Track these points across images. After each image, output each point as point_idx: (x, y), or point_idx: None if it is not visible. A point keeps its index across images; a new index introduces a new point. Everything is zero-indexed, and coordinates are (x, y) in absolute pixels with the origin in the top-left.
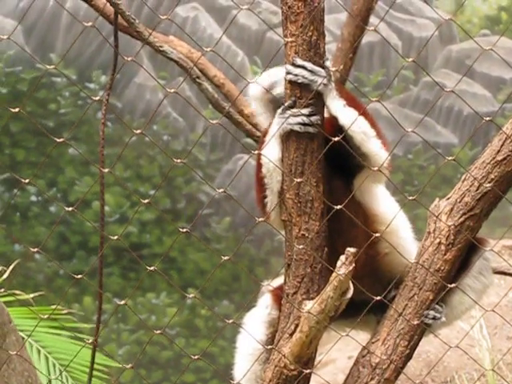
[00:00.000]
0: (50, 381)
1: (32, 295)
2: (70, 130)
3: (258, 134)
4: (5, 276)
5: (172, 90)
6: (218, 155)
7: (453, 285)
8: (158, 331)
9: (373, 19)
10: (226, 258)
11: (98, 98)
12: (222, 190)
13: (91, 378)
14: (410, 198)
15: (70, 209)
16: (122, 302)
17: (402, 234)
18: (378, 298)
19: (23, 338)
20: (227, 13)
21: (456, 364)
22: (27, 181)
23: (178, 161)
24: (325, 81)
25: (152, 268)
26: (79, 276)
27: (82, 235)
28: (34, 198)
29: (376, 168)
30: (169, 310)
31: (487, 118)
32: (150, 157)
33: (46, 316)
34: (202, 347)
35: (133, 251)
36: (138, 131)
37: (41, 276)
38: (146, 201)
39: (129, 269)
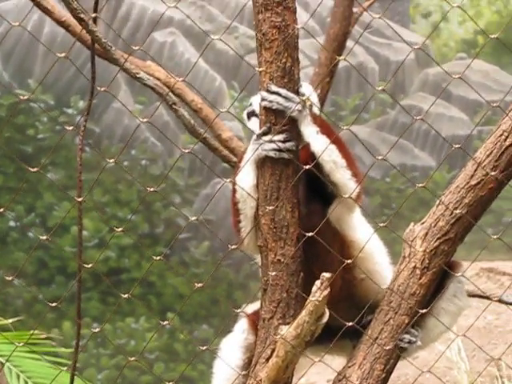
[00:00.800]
0: None
1: (11, 320)
2: (48, 156)
3: (235, 159)
4: None
5: (145, 120)
6: (196, 180)
7: (425, 310)
8: (133, 358)
9: (350, 43)
10: (199, 284)
11: (71, 128)
12: (194, 218)
13: None
14: (381, 224)
15: (45, 237)
16: (97, 330)
17: (377, 259)
18: (350, 323)
19: (2, 363)
20: (205, 38)
21: None
22: (1, 210)
23: (151, 189)
24: (299, 107)
25: (126, 295)
26: (54, 304)
27: (61, 260)
28: (12, 224)
29: (346, 196)
30: (148, 334)
31: (456, 146)
32: (128, 181)
33: (23, 342)
34: (182, 371)
35: (112, 276)
36: (112, 160)
37: (20, 301)
38: (120, 229)
39: (108, 293)
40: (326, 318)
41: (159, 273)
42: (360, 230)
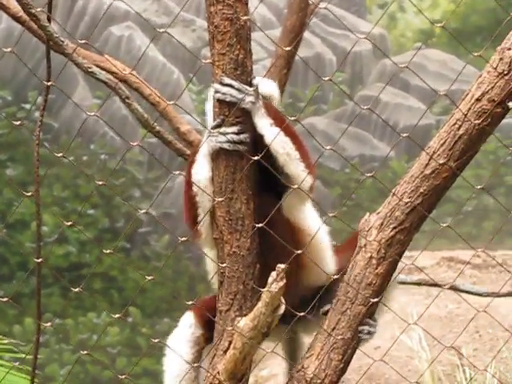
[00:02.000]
0: None
1: None
2: (6, 152)
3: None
4: None
5: (93, 113)
6: (155, 173)
7: (377, 299)
8: (85, 352)
9: (307, 35)
10: (149, 277)
11: (17, 124)
12: (144, 210)
13: None
14: (331, 214)
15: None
16: (48, 324)
17: (323, 246)
18: (302, 314)
19: None
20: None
21: (397, 377)
22: None
23: (100, 183)
24: (252, 99)
25: (77, 289)
26: (5, 299)
27: (21, 256)
28: None
29: (296, 186)
30: (110, 328)
31: (404, 135)
32: (87, 176)
33: None
34: (144, 366)
35: (72, 271)
36: (60, 154)
37: None
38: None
39: (69, 289)
40: (282, 310)
41: (120, 267)
42: (310, 219)
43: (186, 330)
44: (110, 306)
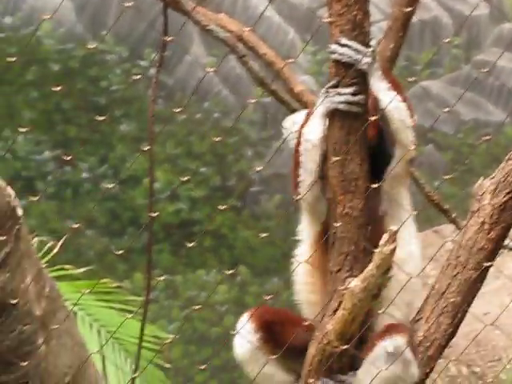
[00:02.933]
0: (103, 355)
1: (82, 269)
2: (121, 108)
3: None
4: (55, 251)
5: (212, 69)
6: (268, 133)
7: (490, 263)
8: (199, 306)
9: None
10: (263, 235)
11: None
12: (260, 167)
13: (140, 348)
14: (446, 177)
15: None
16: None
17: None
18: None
19: (75, 313)
20: None
21: (505, 343)
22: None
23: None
24: (369, 60)
25: (190, 245)
26: (120, 252)
27: (133, 211)
28: (85, 175)
29: (406, 150)
30: (219, 286)
31: None
32: (200, 134)
33: (94, 290)
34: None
35: (183, 228)
36: (178, 110)
37: (91, 252)
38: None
39: (179, 245)
40: (393, 272)
41: (231, 225)
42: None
43: (244, 336)
44: (219, 264)
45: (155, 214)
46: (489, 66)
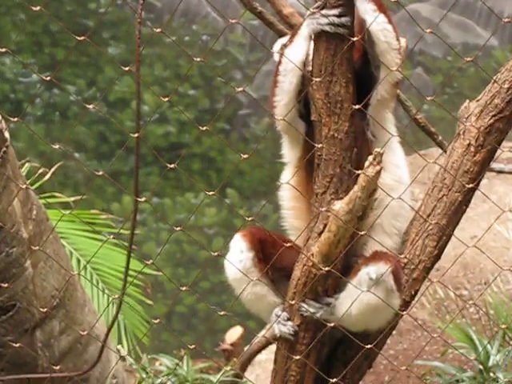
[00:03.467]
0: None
1: (73, 198)
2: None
3: None
4: (46, 178)
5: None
6: (257, 55)
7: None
8: (178, 228)
9: None
10: (244, 156)
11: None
12: (241, 88)
13: (125, 284)
14: (429, 98)
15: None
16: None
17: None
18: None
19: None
20: None
21: (492, 266)
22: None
23: (198, 59)
24: None
25: (172, 166)
26: (100, 173)
27: (122, 135)
28: (73, 98)
29: (391, 69)
30: (207, 209)
31: (506, 20)
32: (189, 56)
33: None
34: None
35: (172, 151)
36: (158, 30)
37: (80, 175)
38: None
39: (167, 168)
40: (377, 194)
41: (219, 148)
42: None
43: (238, 254)
44: (208, 187)
45: (136, 135)
46: None
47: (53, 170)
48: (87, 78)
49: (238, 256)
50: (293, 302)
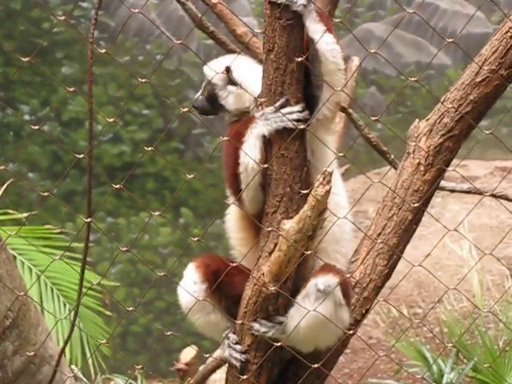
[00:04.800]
0: (41, 300)
1: (25, 214)
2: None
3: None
4: None
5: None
6: None
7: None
8: (124, 249)
9: None
10: (190, 176)
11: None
12: (186, 109)
13: (80, 295)
14: (373, 118)
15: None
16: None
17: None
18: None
19: (14, 257)
20: None
21: (446, 284)
22: None
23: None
24: (304, 1)
25: (117, 186)
26: (45, 194)
27: (76, 154)
28: (27, 117)
29: (335, 91)
30: (162, 229)
31: (449, 40)
32: (143, 76)
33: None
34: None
35: (126, 170)
36: (103, 51)
37: (34, 195)
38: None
39: (123, 188)
40: (327, 214)
41: (173, 168)
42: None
43: (191, 285)
44: (162, 207)
45: (80, 156)
46: (431, 7)
47: (4, 186)
48: (41, 97)
49: (192, 287)
50: (244, 322)
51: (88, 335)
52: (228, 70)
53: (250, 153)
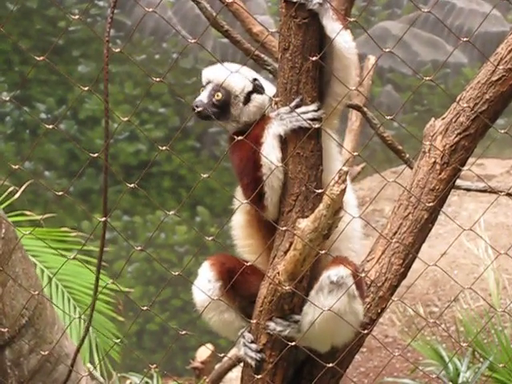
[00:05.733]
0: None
1: (42, 217)
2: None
3: (257, 52)
4: (16, 196)
5: (150, 10)
6: None
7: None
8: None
9: None
10: (205, 175)
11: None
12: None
13: (96, 293)
14: (388, 117)
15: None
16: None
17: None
18: None
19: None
20: None
21: (462, 283)
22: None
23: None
24: (320, 0)
25: (132, 185)
26: (60, 193)
27: (92, 153)
28: (43, 116)
29: (348, 90)
30: (178, 227)
31: (465, 39)
32: (159, 75)
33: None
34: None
35: (142, 169)
36: (118, 50)
37: (50, 194)
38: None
39: (138, 186)
40: (343, 213)
41: (189, 166)
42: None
43: (206, 284)
44: (178, 205)
45: (95, 155)
46: (448, 6)
47: (23, 188)
48: (57, 96)
49: (206, 285)
50: (259, 321)
51: (97, 340)
52: (256, 79)
53: (271, 153)
